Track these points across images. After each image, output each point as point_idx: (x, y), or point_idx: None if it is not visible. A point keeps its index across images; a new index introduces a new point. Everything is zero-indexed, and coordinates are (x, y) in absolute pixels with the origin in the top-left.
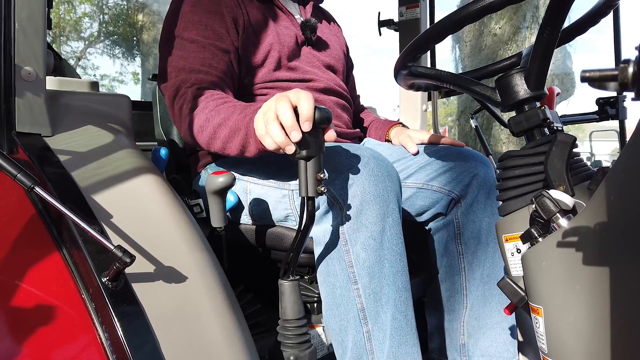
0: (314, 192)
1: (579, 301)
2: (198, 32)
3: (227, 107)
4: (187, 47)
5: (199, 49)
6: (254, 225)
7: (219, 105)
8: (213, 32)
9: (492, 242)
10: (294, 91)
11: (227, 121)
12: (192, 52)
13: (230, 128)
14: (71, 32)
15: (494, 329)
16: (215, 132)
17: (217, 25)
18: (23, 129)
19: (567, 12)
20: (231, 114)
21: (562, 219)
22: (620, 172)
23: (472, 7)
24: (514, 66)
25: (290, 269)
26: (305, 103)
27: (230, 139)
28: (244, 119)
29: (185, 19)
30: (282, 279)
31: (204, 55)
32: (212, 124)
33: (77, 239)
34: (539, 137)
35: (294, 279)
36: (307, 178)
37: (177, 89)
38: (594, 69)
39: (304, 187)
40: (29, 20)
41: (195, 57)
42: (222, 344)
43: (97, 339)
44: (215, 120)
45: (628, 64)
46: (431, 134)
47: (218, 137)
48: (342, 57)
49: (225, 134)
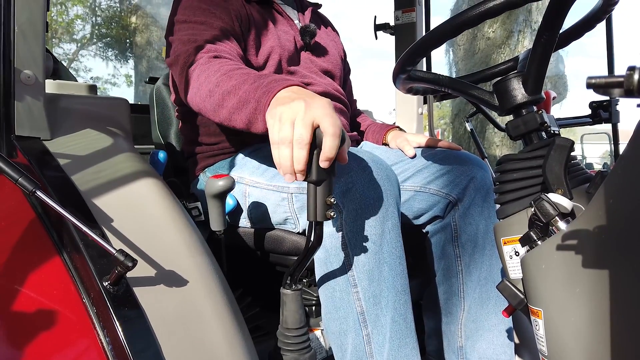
0: (323, 217)
1: (579, 304)
2: (207, 17)
3: (241, 73)
4: (196, 28)
5: (209, 28)
6: (252, 229)
7: (232, 70)
8: (221, 20)
9: (489, 244)
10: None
11: (238, 90)
12: (203, 30)
13: (239, 98)
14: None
15: (491, 332)
16: (224, 99)
17: (224, 16)
18: (22, 133)
19: (565, 17)
20: (243, 83)
21: (561, 222)
22: (619, 176)
23: (472, 12)
24: (510, 70)
25: (294, 279)
26: (331, 142)
27: (237, 109)
28: (255, 91)
29: (193, 8)
30: (284, 288)
31: (215, 33)
32: (221, 90)
33: (77, 243)
34: (536, 140)
35: (296, 289)
36: (317, 202)
37: (189, 55)
38: (600, 76)
39: (312, 212)
40: (29, 24)
41: (206, 33)
42: (223, 347)
43: (98, 343)
44: (225, 86)
45: (634, 70)
46: (428, 138)
47: (225, 105)
48: (340, 62)
49: (233, 104)
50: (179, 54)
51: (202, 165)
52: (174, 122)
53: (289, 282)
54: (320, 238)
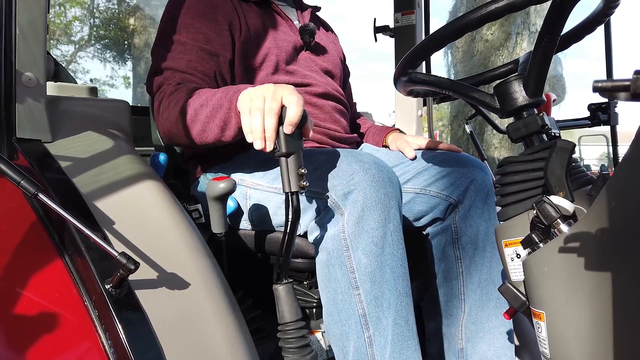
0: (297, 186)
1: (581, 306)
2: (188, 35)
3: (209, 90)
4: (175, 49)
5: (186, 51)
6: (253, 231)
7: (201, 90)
8: (203, 35)
9: (489, 246)
10: (288, 91)
11: (210, 100)
12: (180, 53)
13: (212, 106)
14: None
15: (491, 333)
16: (197, 113)
17: (208, 28)
18: (23, 135)
19: (566, 21)
20: (214, 94)
21: (562, 224)
22: (621, 179)
23: (473, 15)
24: (511, 73)
25: (282, 273)
26: (294, 109)
27: (211, 117)
28: (226, 95)
29: (178, 21)
30: (275, 284)
31: (190, 57)
32: (193, 107)
33: (79, 246)
34: (537, 143)
35: (287, 282)
36: (289, 174)
37: (160, 85)
38: (606, 79)
39: (287, 183)
40: (30, 26)
41: (182, 58)
42: (225, 349)
43: (100, 346)
44: (197, 102)
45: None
46: (428, 140)
47: (199, 118)
48: (340, 63)
49: (207, 113)
50: (151, 85)
51: (203, 167)
52: None
53: (278, 277)
54: (298, 211)
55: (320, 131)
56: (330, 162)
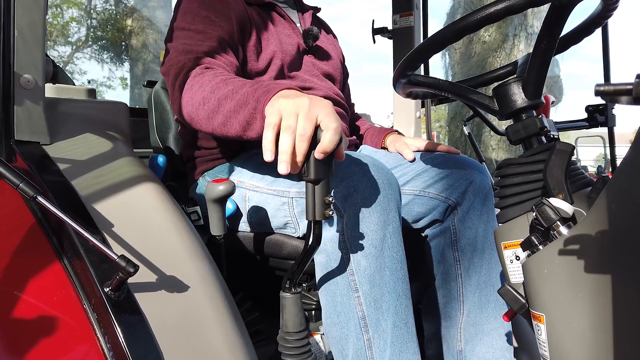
0: (322, 215)
1: (581, 308)
2: (205, 25)
3: (237, 80)
4: (194, 37)
5: (206, 38)
6: (252, 233)
7: (229, 79)
8: (220, 28)
9: (488, 248)
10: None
11: (235, 93)
12: (199, 40)
13: (237, 101)
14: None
15: (490, 335)
16: (220, 104)
17: (224, 23)
18: (22, 137)
19: (564, 24)
20: (240, 87)
21: (562, 227)
22: (621, 181)
23: (472, 17)
24: (510, 75)
25: (293, 282)
26: (331, 136)
27: (234, 112)
28: (254, 93)
29: (192, 14)
30: (284, 292)
31: (212, 44)
32: (217, 96)
33: (78, 249)
34: (536, 145)
35: (296, 292)
36: (315, 201)
37: (182, 66)
38: (608, 83)
39: (311, 211)
40: (29, 28)
41: (203, 44)
42: (224, 352)
43: (99, 349)
44: (221, 92)
45: None
46: (427, 141)
47: (221, 110)
48: (340, 66)
49: (230, 107)
50: (172, 64)
51: (202, 169)
52: (172, 125)
53: (288, 285)
54: (319, 238)
55: None
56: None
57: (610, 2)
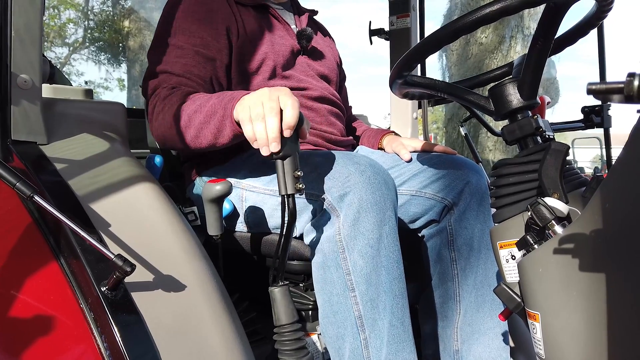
0: (293, 189)
1: (576, 307)
2: (185, 39)
3: (204, 95)
4: (171, 53)
5: (183, 54)
6: (249, 233)
7: (195, 96)
8: (200, 39)
9: (484, 248)
10: (283, 93)
11: (203, 107)
12: (176, 57)
13: (206, 112)
14: (55, 38)
15: (487, 335)
16: (190, 119)
17: (206, 33)
18: (19, 137)
19: (559, 25)
20: (207, 100)
21: (557, 226)
22: (615, 180)
23: (467, 18)
24: (505, 75)
25: (279, 275)
26: (290, 111)
27: (205, 123)
28: (221, 102)
29: (175, 25)
30: (271, 286)
31: (186, 61)
32: (187, 112)
33: (75, 248)
34: (532, 145)
35: (283, 284)
36: (285, 176)
37: (155, 88)
38: (600, 82)
39: (283, 185)
40: (26, 29)
41: (177, 62)
42: (221, 352)
43: (96, 348)
44: (190, 108)
45: (634, 77)
46: (424, 142)
47: (192, 124)
48: (336, 67)
49: (201, 119)
50: (146, 87)
51: (199, 169)
52: None
53: (274, 279)
54: (294, 213)
55: (316, 134)
56: (326, 164)
57: (605, 4)
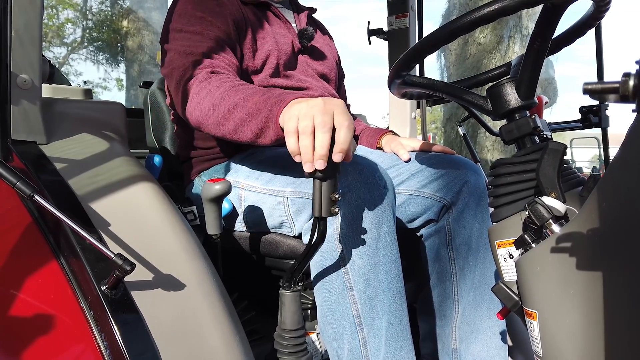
0: (327, 212)
1: (573, 305)
2: (202, 27)
3: (247, 87)
4: (192, 38)
5: (206, 40)
6: (248, 232)
7: (237, 86)
8: (217, 28)
9: (482, 247)
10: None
11: (246, 102)
12: (199, 42)
13: (248, 109)
14: (54, 38)
15: (485, 334)
16: (230, 112)
17: (220, 23)
18: (18, 137)
19: (557, 25)
20: (251, 95)
21: (554, 225)
22: (612, 180)
23: (465, 18)
24: (503, 75)
25: (293, 279)
26: (346, 134)
27: (246, 121)
28: (266, 102)
29: (188, 15)
30: (283, 289)
31: (210, 45)
32: (228, 103)
33: (75, 248)
34: (529, 145)
35: (295, 290)
36: (322, 198)
37: (186, 69)
38: (596, 82)
39: (318, 208)
40: (26, 29)
41: (202, 45)
42: (221, 350)
43: (96, 347)
44: (231, 99)
45: (629, 77)
46: (422, 142)
47: (232, 117)
48: (335, 66)
49: (242, 115)
50: (175, 67)
51: (198, 169)
52: (168, 126)
53: (288, 283)
54: (324, 235)
55: None
56: None
57: (602, 4)
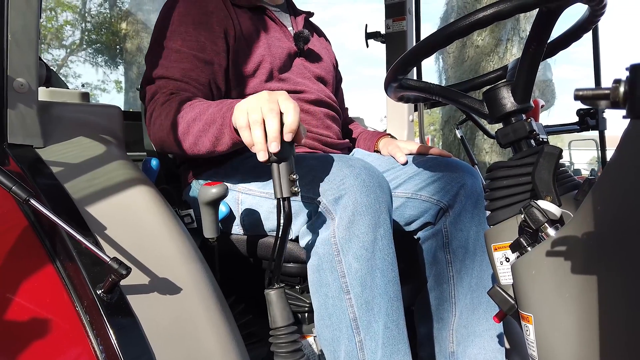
0: (289, 192)
1: (569, 308)
2: (183, 43)
3: (202, 103)
4: (169, 57)
5: (181, 59)
6: (245, 236)
7: (193, 103)
8: (197, 43)
9: (479, 250)
10: (283, 97)
11: (202, 115)
12: (174, 61)
13: (204, 121)
14: (52, 40)
15: (482, 337)
16: (189, 127)
17: (203, 36)
18: (15, 141)
19: (552, 29)
20: (206, 108)
21: (550, 228)
22: (606, 183)
23: (462, 22)
24: (500, 79)
25: (274, 277)
26: (292, 115)
27: (204, 131)
28: (219, 111)
29: (172, 28)
30: (267, 289)
31: (185, 65)
32: (186, 120)
33: (71, 251)
34: (525, 148)
35: (279, 287)
36: (281, 179)
37: (153, 94)
38: (587, 88)
39: (279, 189)
40: (22, 32)
41: (176, 67)
42: (218, 354)
43: (91, 351)
44: (189, 116)
45: (619, 83)
46: (419, 145)
47: (191, 132)
48: (332, 70)
49: (199, 127)
50: (147, 90)
51: (195, 172)
52: None
53: (269, 281)
54: (290, 216)
55: (312, 137)
56: (321, 167)
57: (597, 8)
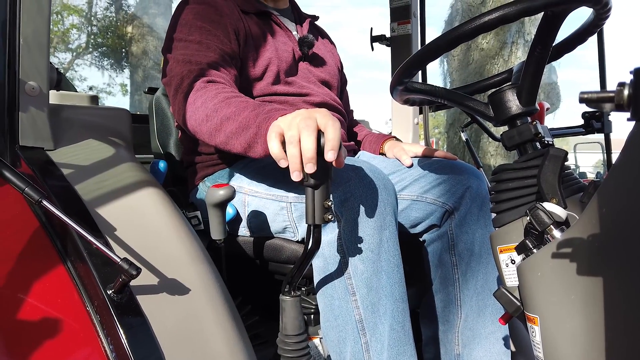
0: (321, 219)
1: (575, 310)
2: (202, 36)
3: (239, 101)
4: (192, 47)
5: (205, 49)
6: (251, 237)
7: (230, 98)
8: (217, 38)
9: (485, 253)
10: (322, 114)
11: (237, 116)
12: (198, 51)
13: (239, 123)
14: (59, 44)
15: (488, 339)
16: (222, 124)
17: (221, 33)
18: (26, 143)
19: (557, 32)
20: (242, 109)
21: (555, 230)
22: (612, 185)
23: (467, 26)
24: (505, 82)
25: (293, 285)
26: (332, 132)
27: (236, 134)
28: (256, 118)
29: (189, 25)
30: (283, 295)
31: (210, 55)
32: (220, 115)
33: (82, 252)
34: (531, 151)
35: (295, 295)
36: (315, 206)
37: (183, 78)
38: (592, 91)
39: (311, 215)
40: (34, 36)
41: (202, 55)
42: (225, 355)
43: (102, 351)
44: (224, 112)
45: (624, 86)
46: (425, 147)
47: (223, 130)
48: (337, 73)
49: (232, 129)
50: (173, 75)
51: (202, 174)
52: (173, 132)
53: (288, 289)
54: (319, 242)
55: None
56: None
57: (602, 12)
